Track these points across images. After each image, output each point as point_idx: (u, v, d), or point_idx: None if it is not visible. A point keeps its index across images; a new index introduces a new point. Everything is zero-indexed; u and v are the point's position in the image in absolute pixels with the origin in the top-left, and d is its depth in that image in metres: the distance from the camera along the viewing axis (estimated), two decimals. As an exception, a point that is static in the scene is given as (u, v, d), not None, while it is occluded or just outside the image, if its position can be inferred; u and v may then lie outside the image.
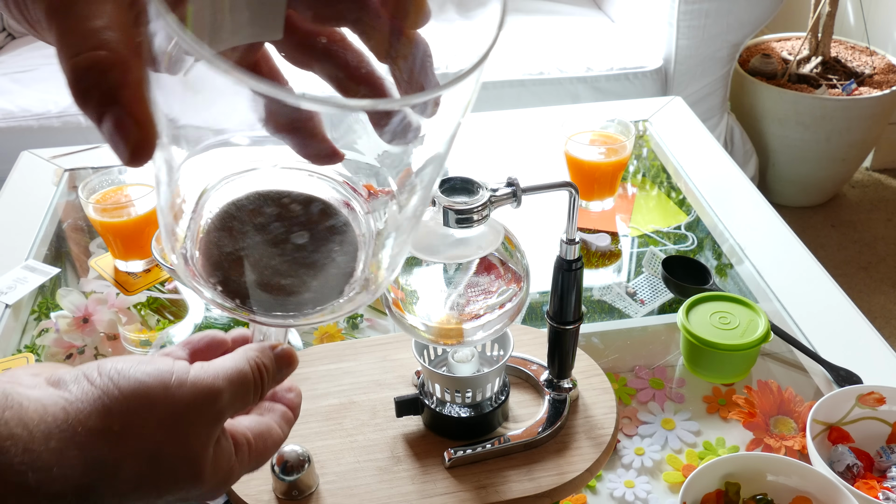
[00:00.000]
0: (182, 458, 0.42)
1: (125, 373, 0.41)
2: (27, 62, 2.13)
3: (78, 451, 0.38)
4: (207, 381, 0.42)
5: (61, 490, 0.38)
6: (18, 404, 0.38)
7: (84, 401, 0.39)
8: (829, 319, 0.94)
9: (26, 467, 0.37)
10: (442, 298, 0.65)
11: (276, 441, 0.48)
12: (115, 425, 0.39)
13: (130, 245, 1.03)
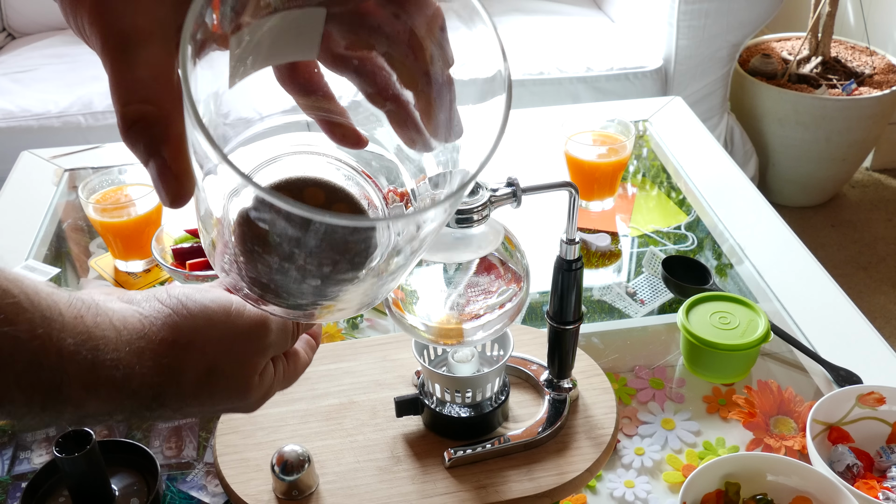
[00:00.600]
0: (234, 376, 0.49)
1: (192, 296, 0.48)
2: (27, 62, 2.13)
3: (151, 356, 0.45)
4: (262, 315, 0.49)
5: (139, 388, 0.44)
6: (106, 312, 0.44)
7: (156, 316, 0.46)
8: (829, 319, 0.94)
9: (114, 364, 0.43)
10: (442, 298, 0.65)
11: (304, 363, 0.56)
12: (182, 338, 0.46)
13: (130, 245, 1.03)
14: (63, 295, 0.43)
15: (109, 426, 0.82)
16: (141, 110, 0.36)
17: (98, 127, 1.90)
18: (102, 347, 0.42)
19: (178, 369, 0.46)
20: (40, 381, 0.41)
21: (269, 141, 0.44)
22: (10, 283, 0.41)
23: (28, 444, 0.81)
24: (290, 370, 0.55)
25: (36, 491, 0.72)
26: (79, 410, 0.43)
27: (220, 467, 0.72)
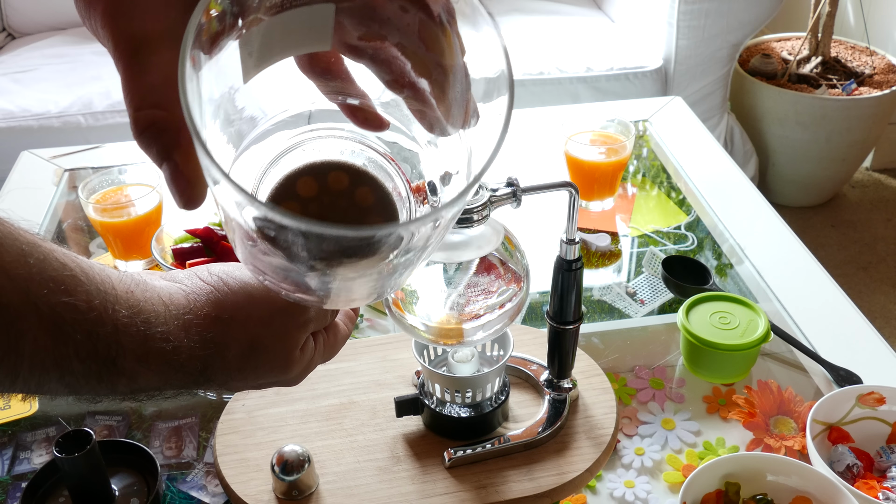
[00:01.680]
0: (276, 350, 0.50)
1: (232, 274, 0.49)
2: (27, 62, 2.13)
3: (197, 331, 0.46)
4: None
5: (187, 360, 0.46)
6: (153, 288, 0.46)
7: (199, 292, 0.47)
8: (829, 319, 0.94)
9: (164, 337, 0.44)
10: (442, 298, 0.65)
11: (343, 336, 0.57)
12: (224, 314, 0.47)
13: (130, 245, 1.03)
14: (113, 271, 0.44)
15: (109, 426, 0.82)
16: (152, 116, 0.37)
17: (98, 127, 1.90)
18: (153, 321, 0.44)
19: (223, 344, 0.47)
20: (97, 352, 0.42)
21: (291, 131, 0.44)
22: (66, 257, 0.42)
23: (28, 444, 0.81)
24: (330, 342, 0.55)
25: (36, 491, 0.72)
26: (132, 383, 0.45)
27: (220, 467, 0.72)
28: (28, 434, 0.82)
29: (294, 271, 0.40)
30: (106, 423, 0.83)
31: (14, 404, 0.83)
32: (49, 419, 0.84)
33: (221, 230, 0.96)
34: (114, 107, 1.92)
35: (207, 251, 0.94)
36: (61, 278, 0.41)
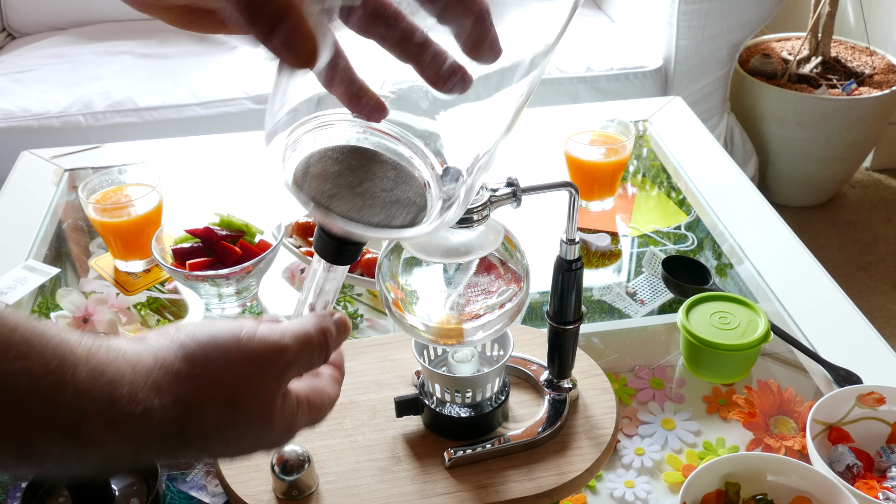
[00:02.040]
0: (255, 404, 0.46)
1: (200, 328, 0.47)
2: (27, 62, 2.13)
3: (169, 390, 0.43)
4: (275, 336, 0.47)
5: (160, 424, 0.43)
6: (117, 349, 0.43)
7: (168, 349, 0.45)
8: (829, 319, 0.94)
9: (132, 400, 0.42)
10: (442, 298, 0.65)
11: (330, 398, 0.53)
12: (195, 370, 0.44)
13: (130, 245, 1.03)
14: (72, 333, 0.42)
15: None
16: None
17: (98, 127, 1.90)
18: (118, 382, 0.41)
19: (198, 403, 0.44)
20: (58, 421, 0.39)
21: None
22: (17, 319, 0.40)
23: (28, 444, 0.81)
24: (315, 403, 0.51)
25: (36, 491, 0.72)
26: (101, 452, 0.41)
27: (219, 467, 0.72)
28: (28, 434, 0.82)
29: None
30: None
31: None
32: (49, 419, 0.84)
33: (221, 230, 0.96)
34: (114, 107, 1.92)
35: (207, 251, 0.94)
36: (12, 343, 0.38)
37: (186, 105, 1.93)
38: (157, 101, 1.93)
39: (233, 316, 0.96)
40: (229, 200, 1.03)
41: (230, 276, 0.90)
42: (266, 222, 0.98)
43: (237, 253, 0.93)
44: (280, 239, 0.95)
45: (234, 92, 1.94)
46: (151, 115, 1.92)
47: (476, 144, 0.45)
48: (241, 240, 0.95)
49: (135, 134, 1.88)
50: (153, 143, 1.39)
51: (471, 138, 0.45)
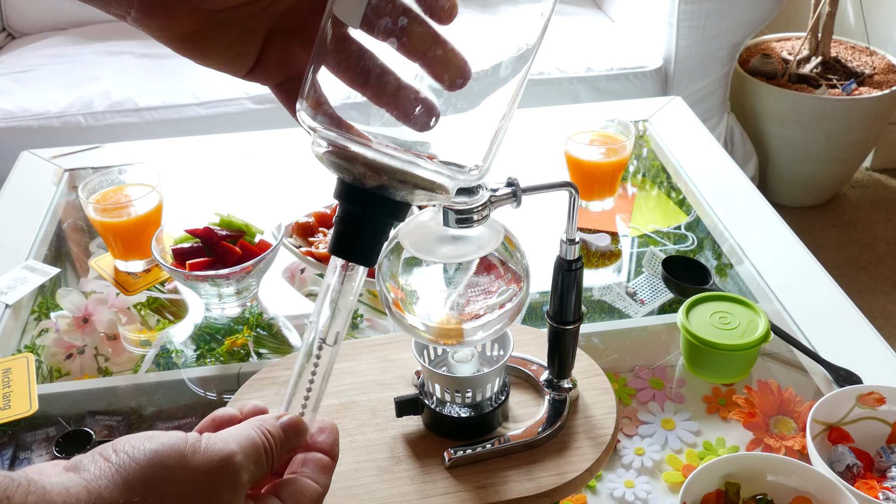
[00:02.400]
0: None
1: (140, 446, 0.42)
2: (27, 62, 2.13)
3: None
4: (219, 444, 0.44)
5: None
6: (41, 488, 0.38)
7: (104, 477, 0.40)
8: (829, 319, 0.94)
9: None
10: (442, 298, 0.65)
11: (315, 490, 0.48)
12: (136, 496, 0.40)
13: (130, 245, 1.03)
14: (2, 477, 0.38)
15: (109, 426, 0.82)
16: None
17: (98, 127, 1.90)
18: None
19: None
20: None
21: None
22: None
23: (28, 444, 0.81)
24: (295, 495, 0.47)
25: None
26: None
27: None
28: (28, 434, 0.82)
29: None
30: (106, 423, 0.83)
31: (14, 404, 0.83)
32: (49, 419, 0.84)
33: (221, 230, 0.96)
34: (114, 107, 1.92)
35: (207, 251, 0.94)
36: None
37: (186, 105, 1.93)
38: (157, 101, 1.93)
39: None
40: (229, 200, 1.03)
41: (230, 276, 0.90)
42: (266, 222, 0.98)
43: (237, 253, 0.93)
44: (280, 239, 0.95)
45: (234, 92, 1.94)
46: (151, 115, 1.92)
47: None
48: (241, 240, 0.95)
49: (135, 134, 1.88)
50: (153, 143, 1.40)
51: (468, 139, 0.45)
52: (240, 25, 0.45)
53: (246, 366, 0.91)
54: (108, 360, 0.93)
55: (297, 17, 0.46)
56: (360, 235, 0.46)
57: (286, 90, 0.49)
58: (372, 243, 0.47)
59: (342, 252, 0.47)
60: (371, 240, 0.47)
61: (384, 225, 0.47)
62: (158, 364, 0.92)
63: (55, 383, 0.90)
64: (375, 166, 0.43)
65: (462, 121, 0.44)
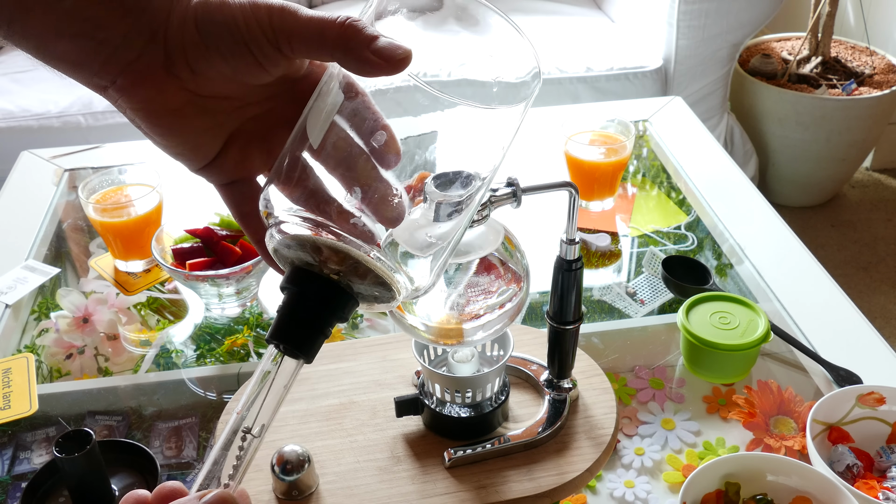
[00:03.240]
0: None
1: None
2: (27, 62, 2.13)
3: None
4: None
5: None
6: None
7: None
8: (829, 319, 0.94)
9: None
10: (442, 298, 0.65)
11: None
12: None
13: (130, 245, 1.03)
14: None
15: (109, 426, 0.82)
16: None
17: (98, 127, 1.90)
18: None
19: None
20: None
21: None
22: None
23: (28, 444, 0.81)
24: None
25: (36, 491, 0.72)
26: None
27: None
28: (28, 434, 0.82)
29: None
30: (106, 423, 0.83)
31: (14, 404, 0.83)
32: (49, 419, 0.84)
33: (221, 230, 0.96)
34: (113, 107, 1.92)
35: (207, 251, 0.94)
36: None
37: (186, 105, 1.93)
38: (157, 101, 1.93)
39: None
40: (229, 200, 1.03)
41: (230, 276, 0.90)
42: (266, 222, 0.98)
43: (237, 253, 0.93)
44: (280, 239, 0.95)
45: (234, 92, 1.94)
46: (151, 115, 1.92)
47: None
48: (241, 240, 0.95)
49: (135, 134, 1.87)
50: (153, 143, 1.39)
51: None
52: (213, 116, 0.45)
53: (246, 366, 0.91)
54: (108, 360, 0.93)
55: (264, 124, 0.47)
56: (302, 323, 0.46)
57: (232, 191, 0.49)
58: (316, 335, 0.46)
59: (286, 338, 0.46)
60: (315, 331, 0.46)
61: (331, 318, 0.46)
62: (158, 364, 0.92)
63: (55, 383, 0.90)
64: (340, 251, 0.43)
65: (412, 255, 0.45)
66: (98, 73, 0.42)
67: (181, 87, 0.43)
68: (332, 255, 0.43)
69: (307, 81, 0.46)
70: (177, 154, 0.47)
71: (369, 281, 0.44)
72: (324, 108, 0.44)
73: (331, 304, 0.45)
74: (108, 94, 0.44)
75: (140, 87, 0.43)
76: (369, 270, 0.43)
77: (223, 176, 0.48)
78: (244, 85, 0.44)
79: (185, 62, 0.42)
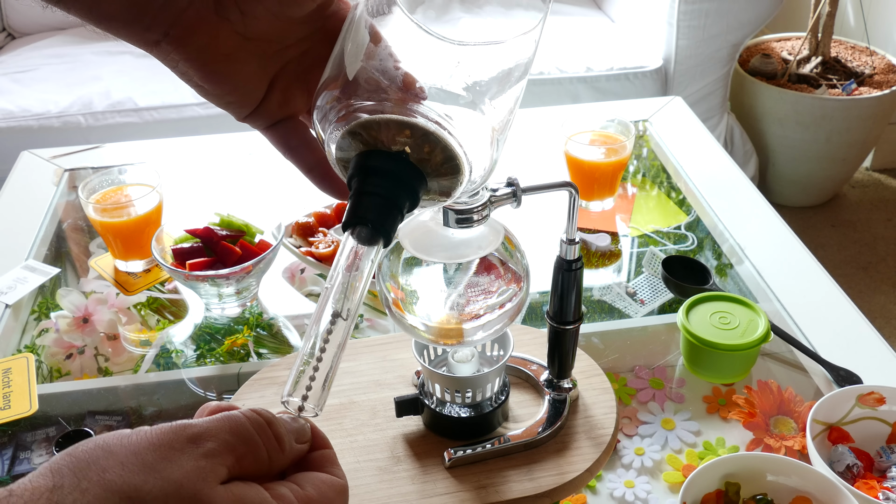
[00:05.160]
0: (171, 495, 0.35)
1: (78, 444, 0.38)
2: (27, 62, 2.13)
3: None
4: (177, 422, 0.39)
5: None
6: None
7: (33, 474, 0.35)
8: (829, 319, 0.94)
9: None
10: (442, 298, 0.65)
11: (337, 487, 0.42)
12: (65, 479, 0.34)
13: (130, 245, 1.03)
14: None
15: (109, 426, 0.82)
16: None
17: (98, 127, 1.90)
18: None
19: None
20: None
21: None
22: None
23: (28, 444, 0.81)
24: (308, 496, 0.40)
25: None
26: None
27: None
28: (28, 434, 0.82)
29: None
30: (106, 423, 0.83)
31: (14, 404, 0.83)
32: (49, 419, 0.84)
33: (221, 230, 0.96)
34: (114, 107, 1.92)
35: (207, 251, 0.94)
36: None
37: (186, 105, 1.93)
38: (157, 101, 1.93)
39: (230, 314, 0.96)
40: (229, 200, 1.03)
41: (230, 276, 0.90)
42: (266, 222, 0.98)
43: (237, 253, 0.93)
44: (280, 239, 0.95)
45: (234, 92, 1.94)
46: (151, 115, 1.92)
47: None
48: (241, 240, 0.95)
49: (135, 134, 1.88)
50: (153, 143, 1.40)
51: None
52: (260, 60, 0.46)
53: (246, 366, 0.91)
54: (108, 360, 0.93)
55: (302, 65, 0.48)
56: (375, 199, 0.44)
57: (278, 131, 0.50)
58: (390, 209, 0.44)
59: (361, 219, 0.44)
60: (389, 205, 0.44)
61: (402, 192, 0.44)
62: (158, 364, 0.92)
63: (55, 383, 0.90)
64: (407, 125, 0.43)
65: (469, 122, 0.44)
66: (150, 26, 0.43)
67: (232, 30, 0.44)
68: (395, 132, 0.43)
69: (335, 19, 0.47)
70: (227, 102, 0.48)
71: (434, 158, 0.44)
72: (352, 47, 0.45)
73: (400, 176, 0.44)
74: (160, 49, 0.44)
75: (194, 35, 0.43)
76: (434, 143, 0.43)
77: (269, 118, 0.49)
78: (286, 24, 0.45)
79: (234, 2, 0.43)
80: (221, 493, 0.36)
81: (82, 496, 0.34)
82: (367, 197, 0.44)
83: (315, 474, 0.42)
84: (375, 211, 0.44)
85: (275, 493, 0.39)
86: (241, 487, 0.37)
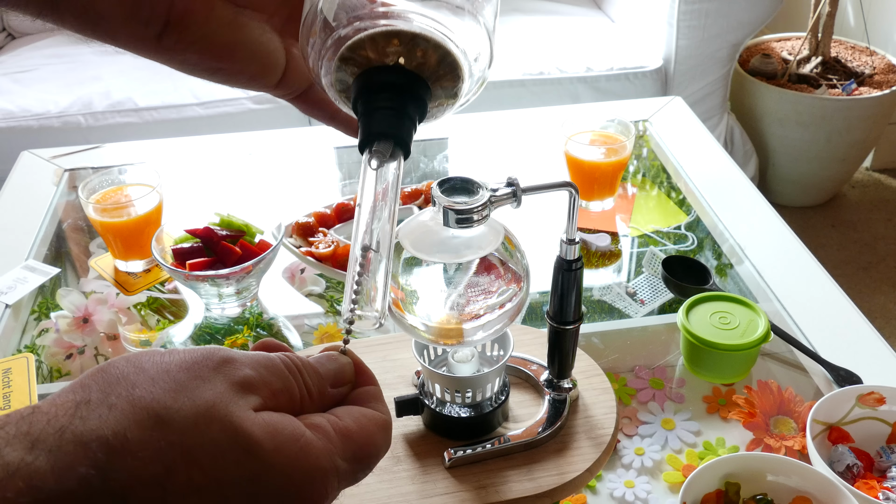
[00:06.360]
0: (202, 415, 0.33)
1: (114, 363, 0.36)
2: (27, 62, 2.13)
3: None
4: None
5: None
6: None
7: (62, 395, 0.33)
8: (829, 319, 0.94)
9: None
10: (442, 298, 0.65)
11: (380, 422, 0.41)
12: (92, 394, 0.33)
13: (130, 245, 1.03)
14: None
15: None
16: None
17: (98, 127, 1.90)
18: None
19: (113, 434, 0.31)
20: None
21: None
22: None
23: (28, 444, 0.81)
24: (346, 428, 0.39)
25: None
26: None
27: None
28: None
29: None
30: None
31: (14, 404, 0.83)
32: (49, 419, 0.84)
33: (221, 230, 0.96)
34: (114, 107, 1.92)
35: (207, 251, 0.94)
36: None
37: (186, 105, 1.93)
38: (157, 101, 1.93)
39: (231, 316, 0.96)
40: (229, 200, 1.03)
41: (230, 276, 0.90)
42: (266, 222, 0.98)
43: (237, 253, 0.93)
44: (280, 239, 0.95)
45: (234, 92, 1.94)
46: (151, 115, 1.92)
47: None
48: (241, 240, 0.95)
49: (135, 134, 1.88)
50: (153, 143, 1.40)
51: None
52: (261, 27, 0.46)
53: (246, 366, 0.91)
54: (108, 360, 0.93)
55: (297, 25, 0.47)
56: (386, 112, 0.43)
57: (308, 98, 0.50)
58: (402, 119, 0.44)
59: (377, 134, 0.43)
60: (401, 115, 0.44)
61: (410, 101, 0.44)
62: (158, 364, 0.92)
63: (55, 383, 0.90)
64: (393, 34, 0.42)
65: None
66: (148, 20, 0.42)
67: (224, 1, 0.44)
68: (383, 44, 0.43)
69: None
70: (253, 75, 0.47)
71: (429, 60, 0.44)
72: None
73: (401, 86, 0.44)
74: (163, 44, 0.44)
75: (193, 15, 0.43)
76: (424, 44, 0.43)
77: (298, 85, 0.49)
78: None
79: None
80: (253, 418, 0.35)
81: (109, 412, 0.32)
82: (375, 112, 0.44)
83: (356, 408, 0.41)
84: (386, 122, 0.43)
85: (309, 423, 0.37)
86: (275, 416, 0.36)
